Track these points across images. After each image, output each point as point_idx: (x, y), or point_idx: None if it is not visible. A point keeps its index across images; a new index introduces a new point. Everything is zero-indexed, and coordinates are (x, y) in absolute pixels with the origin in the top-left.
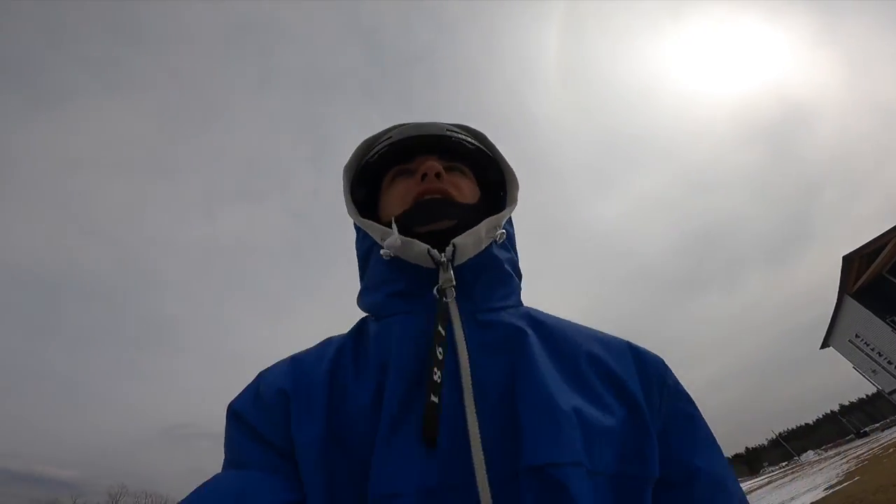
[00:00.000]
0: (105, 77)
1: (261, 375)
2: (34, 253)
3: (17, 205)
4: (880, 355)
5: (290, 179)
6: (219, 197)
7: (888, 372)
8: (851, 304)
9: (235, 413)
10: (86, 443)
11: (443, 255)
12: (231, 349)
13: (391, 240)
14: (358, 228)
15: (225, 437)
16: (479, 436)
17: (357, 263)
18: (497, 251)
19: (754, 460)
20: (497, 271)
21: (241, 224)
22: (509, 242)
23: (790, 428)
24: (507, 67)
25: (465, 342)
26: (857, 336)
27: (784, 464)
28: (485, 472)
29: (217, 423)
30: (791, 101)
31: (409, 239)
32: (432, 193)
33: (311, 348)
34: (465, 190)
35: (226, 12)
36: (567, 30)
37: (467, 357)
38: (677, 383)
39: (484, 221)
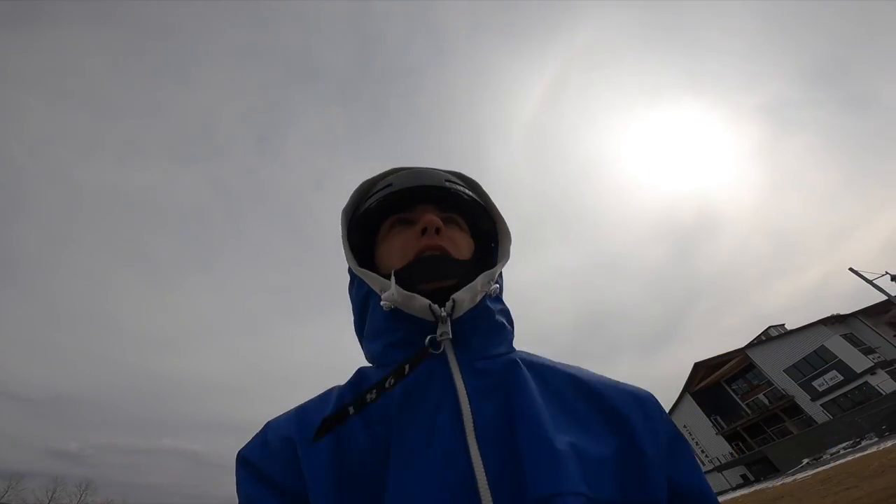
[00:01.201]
0: (89, 5)
1: (267, 425)
2: None
3: None
4: (697, 445)
5: (226, 152)
6: (140, 146)
7: (701, 463)
8: (689, 400)
9: (245, 460)
10: None
11: (443, 309)
12: (90, 307)
13: (389, 293)
14: (353, 276)
15: (236, 485)
16: (484, 473)
17: (351, 308)
18: (490, 303)
19: None
20: (491, 322)
21: (152, 180)
22: (500, 294)
23: None
24: (483, 110)
25: (465, 389)
26: (684, 427)
27: None
28: None
29: (30, 384)
30: (707, 211)
31: (410, 293)
32: (432, 250)
33: (314, 398)
34: (462, 245)
35: None
36: (549, 90)
37: (468, 402)
38: (664, 411)
39: (480, 276)
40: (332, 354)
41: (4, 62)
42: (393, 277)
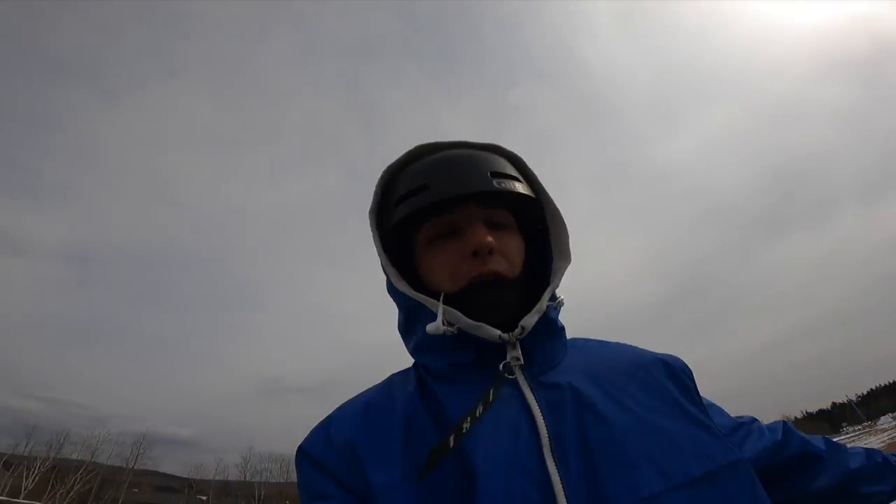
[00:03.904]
0: (158, 64)
1: (331, 419)
2: (128, 230)
3: (107, 188)
4: None
5: (343, 141)
6: (280, 165)
7: None
8: None
9: (308, 455)
10: (195, 402)
11: (511, 335)
12: (309, 303)
13: (465, 324)
14: (394, 286)
15: (300, 479)
16: (562, 489)
17: (397, 312)
18: (552, 313)
19: (837, 418)
20: (552, 331)
21: (305, 187)
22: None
23: (885, 383)
24: (549, 14)
25: (537, 405)
26: None
27: (867, 423)
28: None
29: (302, 376)
30: (878, 33)
31: (478, 323)
32: (486, 276)
33: (378, 388)
34: (513, 254)
35: None
36: None
37: (542, 419)
38: (693, 376)
39: (545, 294)
40: None
41: (143, 128)
42: (442, 309)
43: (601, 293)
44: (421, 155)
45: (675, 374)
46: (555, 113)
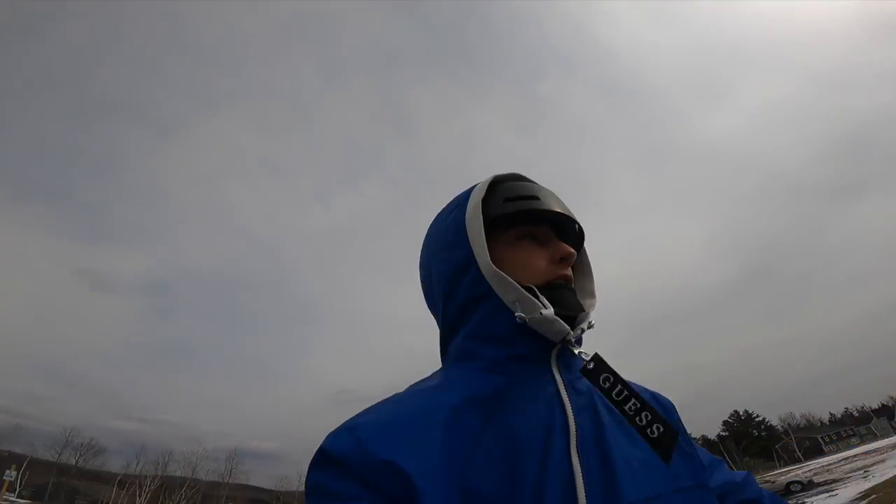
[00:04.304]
0: (199, 98)
1: (357, 423)
2: (200, 261)
3: (175, 222)
4: None
5: (382, 154)
6: (326, 185)
7: None
8: None
9: (332, 457)
10: (275, 416)
11: (572, 334)
12: (366, 315)
13: (547, 312)
14: (468, 269)
15: (316, 482)
16: (583, 484)
17: (440, 285)
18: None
19: None
20: (581, 345)
21: (352, 204)
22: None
23: None
24: (564, 3)
25: (570, 405)
26: None
27: None
28: None
29: (367, 386)
30: None
31: (555, 318)
32: (565, 279)
33: (406, 394)
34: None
35: (275, 16)
36: None
37: (573, 418)
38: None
39: (589, 306)
40: None
41: (202, 165)
42: (540, 296)
43: (663, 281)
44: (522, 178)
45: (664, 410)
46: (588, 101)
